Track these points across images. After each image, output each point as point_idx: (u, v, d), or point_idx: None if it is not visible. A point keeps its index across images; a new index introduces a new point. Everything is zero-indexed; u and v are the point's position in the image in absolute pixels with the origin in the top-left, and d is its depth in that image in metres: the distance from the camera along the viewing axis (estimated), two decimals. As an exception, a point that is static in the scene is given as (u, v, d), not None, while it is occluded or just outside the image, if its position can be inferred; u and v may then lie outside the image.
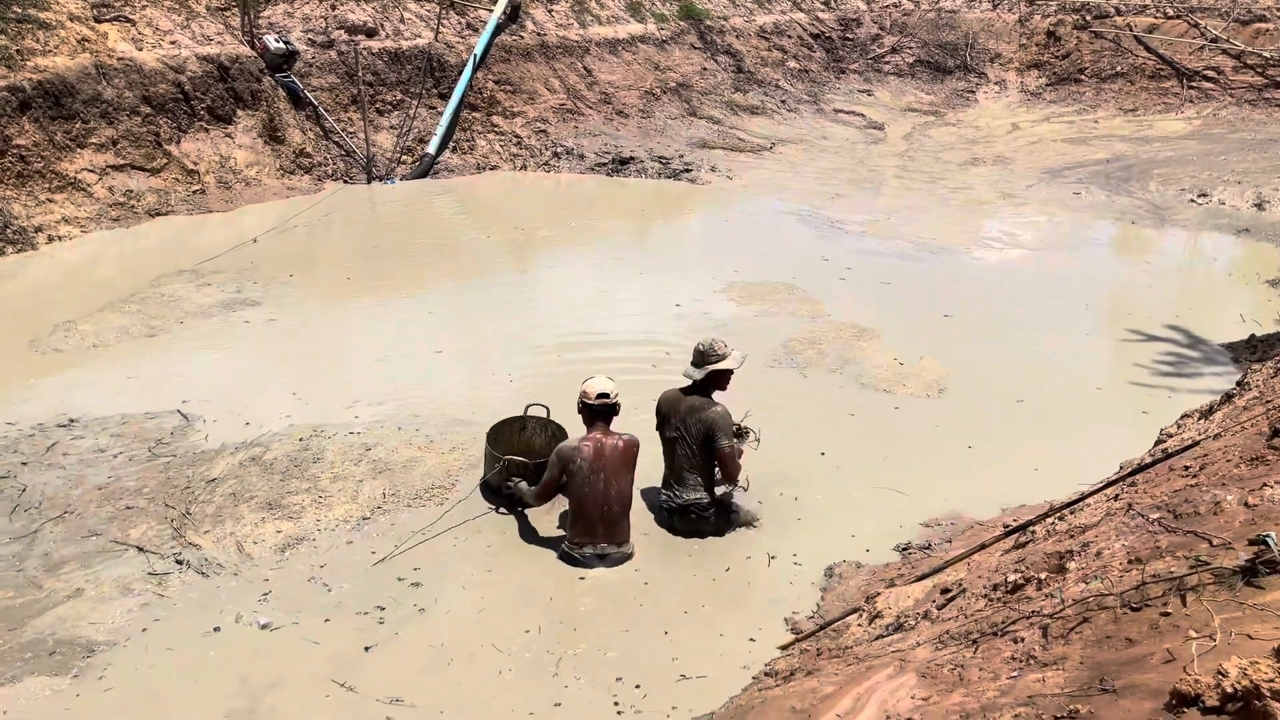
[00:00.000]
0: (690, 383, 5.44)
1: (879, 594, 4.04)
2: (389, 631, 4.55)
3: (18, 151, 10.22)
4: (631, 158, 14.46)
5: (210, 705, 4.07)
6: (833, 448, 6.27)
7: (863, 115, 18.12)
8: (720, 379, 5.44)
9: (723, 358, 5.36)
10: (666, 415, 5.48)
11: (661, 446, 5.49)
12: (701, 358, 5.40)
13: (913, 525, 5.43)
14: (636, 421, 5.65)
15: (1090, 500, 4.09)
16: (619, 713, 4.04)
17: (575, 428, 5.54)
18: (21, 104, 10.36)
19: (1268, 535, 2.55)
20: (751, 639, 4.49)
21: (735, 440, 5.33)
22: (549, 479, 5.10)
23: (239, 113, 12.50)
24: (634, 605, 4.77)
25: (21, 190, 10.18)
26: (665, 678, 4.25)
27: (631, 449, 5.15)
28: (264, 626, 4.55)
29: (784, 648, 4.28)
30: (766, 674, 4.12)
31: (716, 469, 5.35)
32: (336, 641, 4.46)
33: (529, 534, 5.32)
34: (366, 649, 4.42)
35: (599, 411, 5.12)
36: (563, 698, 4.13)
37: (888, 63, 20.70)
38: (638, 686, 4.18)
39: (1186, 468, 3.73)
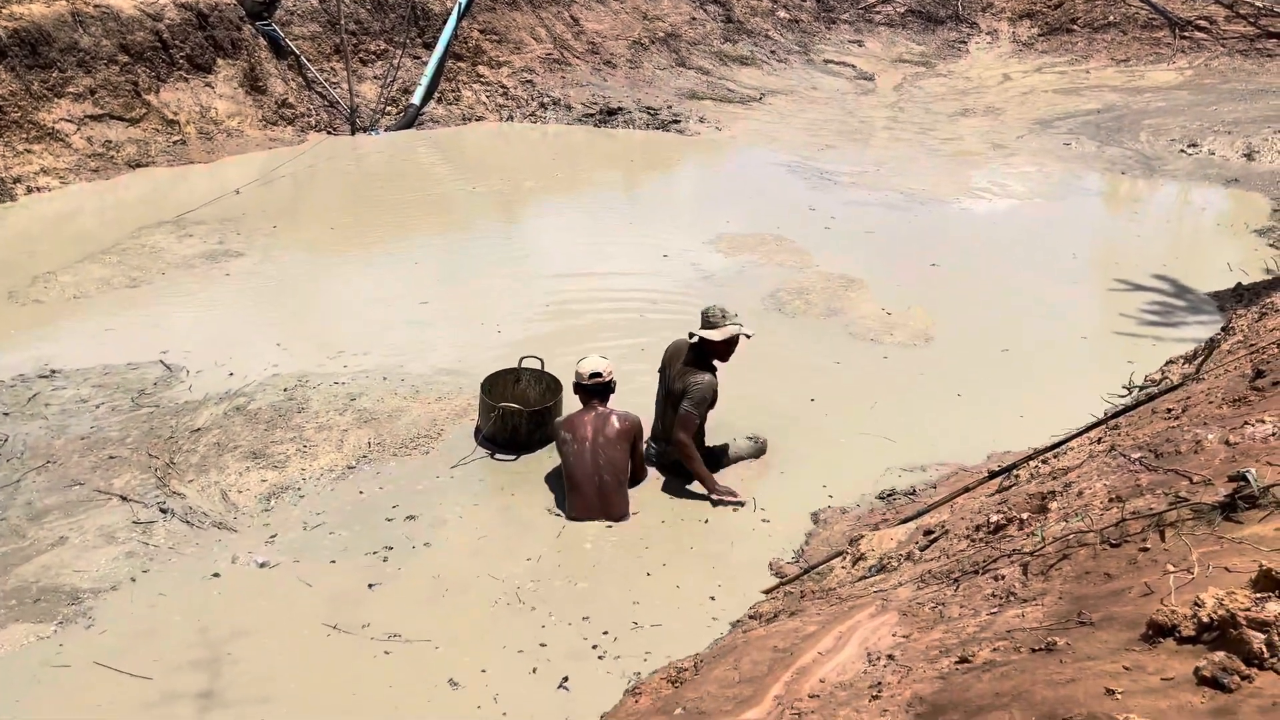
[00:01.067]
0: (693, 342, 5.33)
1: (862, 537, 4.06)
2: (392, 569, 4.58)
3: (-7, 101, 10.02)
4: (619, 108, 14.28)
5: (203, 646, 4.08)
6: (821, 395, 6.27)
7: (853, 66, 17.90)
8: (716, 349, 5.28)
9: (712, 327, 5.24)
10: (665, 366, 5.44)
11: (656, 393, 5.49)
12: (701, 321, 5.33)
13: (899, 472, 5.45)
14: (627, 372, 5.65)
15: (1074, 444, 4.11)
16: (599, 656, 4.06)
17: (567, 380, 5.56)
18: (-4, 52, 10.14)
19: (1247, 471, 2.55)
20: (720, 587, 4.51)
21: (695, 411, 5.16)
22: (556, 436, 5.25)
23: (219, 62, 12.27)
24: (622, 550, 4.79)
25: (-2, 141, 10.01)
26: (645, 621, 4.27)
27: (625, 423, 5.13)
28: (262, 565, 4.58)
29: (767, 591, 4.31)
30: (751, 617, 4.15)
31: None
32: (334, 580, 4.49)
33: (528, 482, 5.33)
34: (371, 586, 4.47)
35: (593, 390, 5.17)
36: (546, 638, 4.15)
37: (879, 13, 20.41)
38: (606, 632, 4.19)
39: (1169, 410, 3.74)
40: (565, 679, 3.88)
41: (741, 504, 5.09)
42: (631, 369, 6.11)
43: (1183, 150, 12.42)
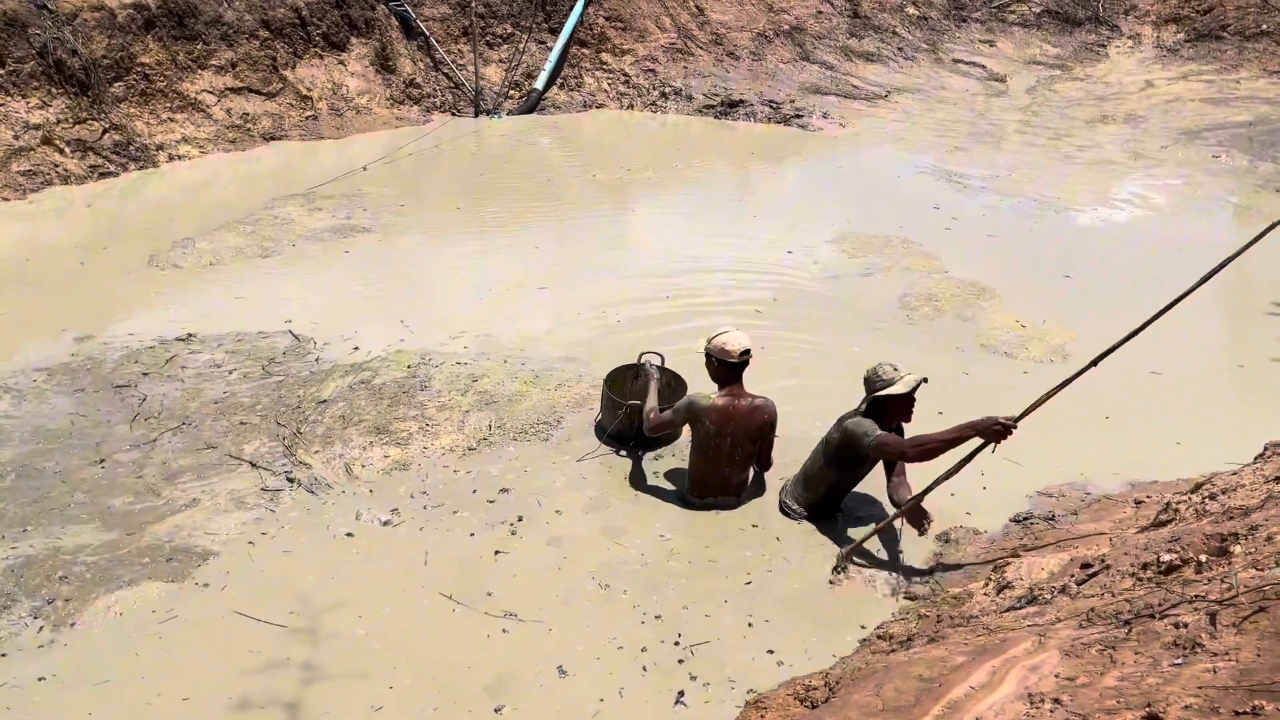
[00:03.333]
0: (862, 409, 4.76)
1: (1008, 563, 3.84)
2: (509, 550, 4.58)
3: (142, 70, 10.42)
4: (741, 100, 14.08)
5: (321, 607, 4.12)
6: (949, 409, 6.00)
7: (983, 66, 17.29)
8: (894, 407, 4.65)
9: (890, 383, 4.61)
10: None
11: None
12: (866, 387, 4.73)
13: (1032, 494, 5.17)
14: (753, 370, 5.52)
15: (1246, 481, 3.81)
16: (701, 658, 3.94)
17: (689, 375, 5.43)
18: (146, 22, 10.54)
19: None
20: (836, 598, 4.34)
21: (870, 431, 4.59)
22: (668, 420, 4.98)
23: (352, 40, 12.54)
24: (736, 548, 4.65)
25: (144, 109, 10.41)
26: (755, 624, 4.12)
27: (769, 416, 4.91)
28: (385, 524, 4.66)
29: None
30: (880, 637, 3.97)
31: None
32: (452, 551, 4.52)
33: (642, 476, 5.24)
34: (496, 553, 4.53)
35: (741, 368, 4.88)
36: (656, 632, 4.05)
37: (1012, 12, 19.67)
38: (708, 637, 4.08)
39: (1365, 453, 3.41)
40: (681, 694, 3.76)
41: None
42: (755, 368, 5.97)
43: (1345, 169, 11.60)
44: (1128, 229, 9.60)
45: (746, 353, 4.85)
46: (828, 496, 4.88)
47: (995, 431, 4.26)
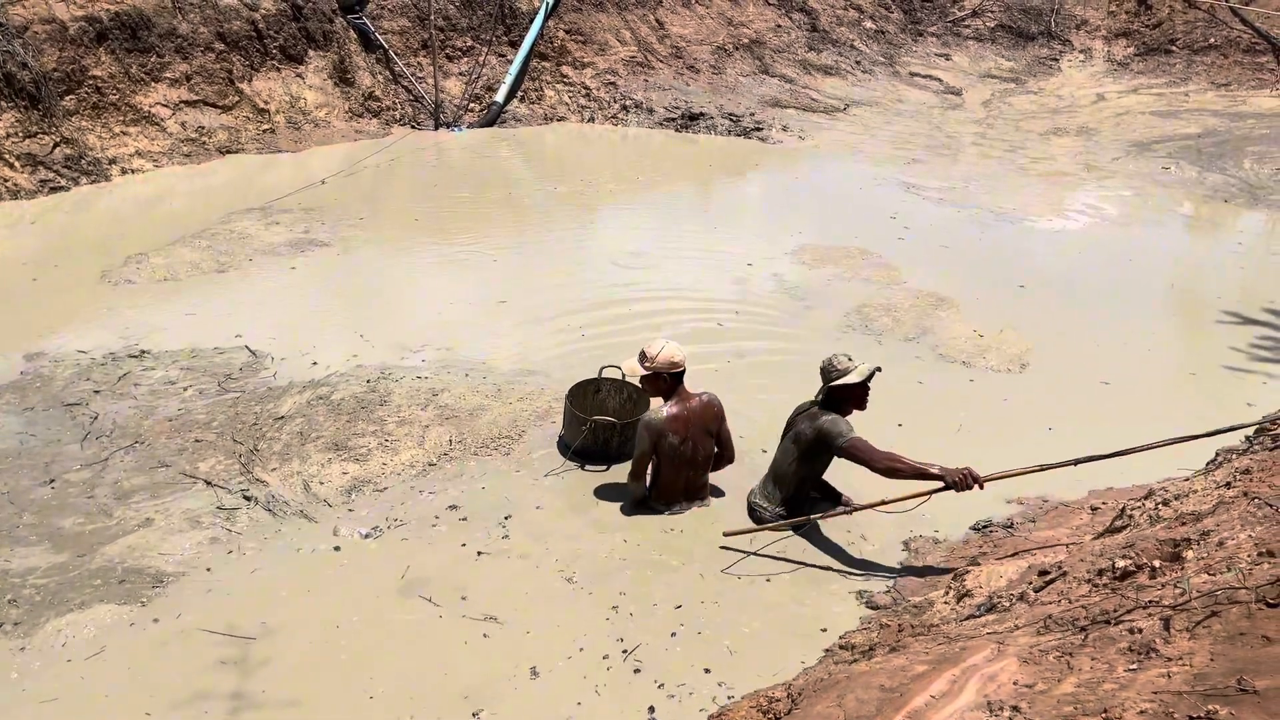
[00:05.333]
0: (818, 400, 4.88)
1: (967, 571, 3.87)
2: (478, 564, 4.56)
3: (94, 83, 10.26)
4: (701, 113, 14.16)
5: (311, 618, 4.07)
6: (909, 420, 6.05)
7: (940, 80, 17.56)
8: (850, 396, 4.79)
9: (844, 373, 4.71)
10: (790, 422, 5.02)
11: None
12: (822, 377, 4.83)
13: (993, 502, 5.21)
14: (706, 384, 5.50)
15: (1198, 488, 3.87)
16: (702, 671, 3.93)
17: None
18: (99, 35, 10.38)
19: None
20: (805, 609, 4.35)
21: (849, 433, 4.66)
22: (643, 453, 4.90)
23: (310, 53, 12.44)
24: (709, 563, 4.64)
25: (96, 122, 10.24)
26: (725, 637, 4.12)
27: (712, 409, 4.99)
28: (366, 536, 4.64)
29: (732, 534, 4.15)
30: (842, 647, 3.98)
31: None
32: (421, 568, 4.46)
33: (608, 490, 5.22)
34: (478, 554, 4.57)
35: (683, 375, 4.94)
36: (625, 638, 4.03)
37: (967, 26, 20.00)
38: (674, 633, 4.07)
39: (1312, 457, 3.49)
40: (652, 709, 3.74)
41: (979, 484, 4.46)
42: (710, 383, 5.98)
43: (1289, 180, 11.90)
44: (1081, 240, 9.77)
45: (677, 365, 4.88)
46: (799, 490, 4.93)
47: (963, 484, 4.39)
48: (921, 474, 4.46)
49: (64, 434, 5.44)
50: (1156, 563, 3.06)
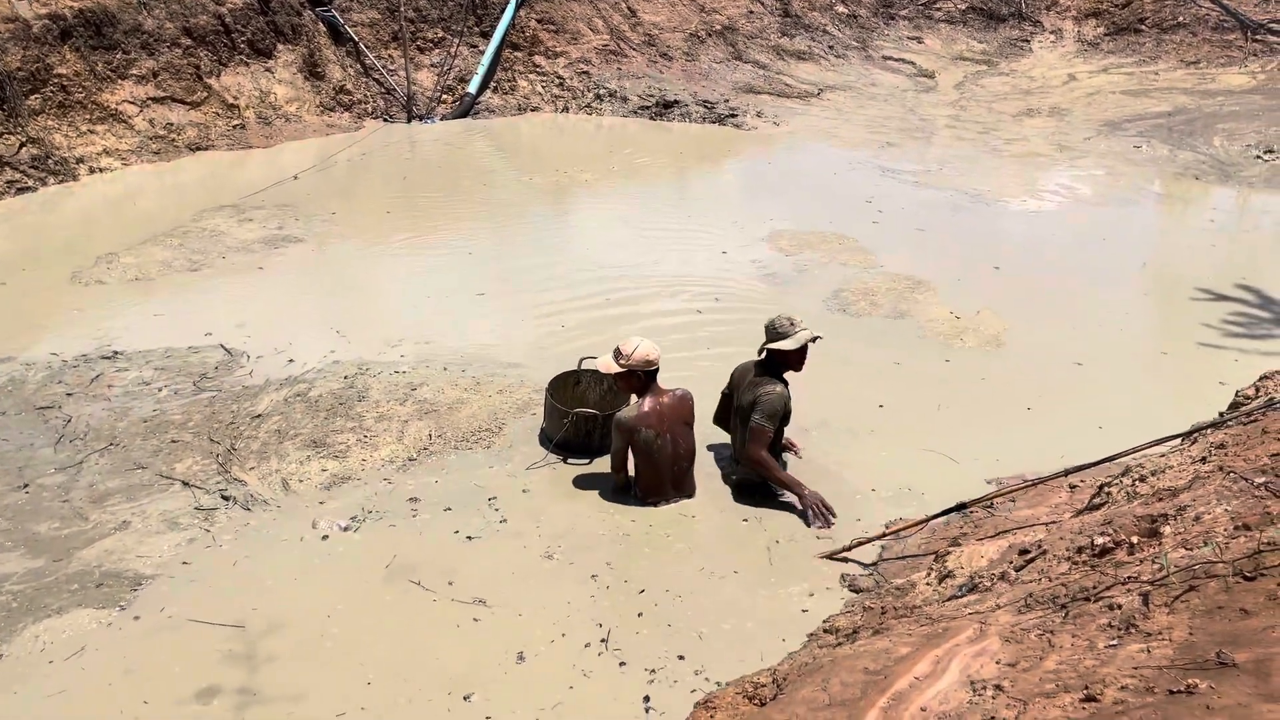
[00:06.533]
0: (761, 358, 5.15)
1: (949, 552, 3.89)
2: (460, 550, 4.57)
3: (59, 81, 10.11)
4: (675, 101, 14.12)
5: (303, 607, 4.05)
6: (889, 401, 6.08)
7: (913, 63, 17.58)
8: (789, 359, 5.05)
9: (783, 337, 4.97)
10: (736, 384, 5.24)
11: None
12: (766, 333, 5.07)
13: (973, 483, 5.25)
14: (686, 371, 5.51)
15: (1174, 463, 3.90)
16: (679, 658, 3.93)
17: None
18: (63, 32, 10.23)
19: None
20: (791, 596, 4.37)
21: (767, 424, 4.96)
22: (617, 449, 4.96)
23: (279, 47, 12.30)
24: (690, 556, 4.65)
25: (63, 121, 10.10)
26: (710, 625, 4.13)
27: (686, 404, 5.02)
28: (345, 529, 4.62)
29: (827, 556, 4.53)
30: (826, 630, 4.00)
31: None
32: (405, 553, 4.43)
33: (591, 481, 5.22)
34: (468, 537, 4.61)
35: (656, 373, 4.97)
36: (612, 633, 4.03)
37: (939, 9, 20.02)
38: (652, 606, 4.07)
39: (1284, 430, 3.52)
40: (647, 698, 3.75)
41: (830, 523, 4.87)
42: (690, 370, 5.98)
43: (1259, 156, 12.00)
44: (1054, 220, 9.82)
45: (651, 363, 4.92)
46: (769, 450, 5.08)
47: (813, 508, 4.91)
48: (780, 484, 4.99)
49: (37, 438, 5.37)
50: (1135, 539, 3.08)
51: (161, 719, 3.57)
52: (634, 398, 5.02)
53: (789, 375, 5.12)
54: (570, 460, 5.33)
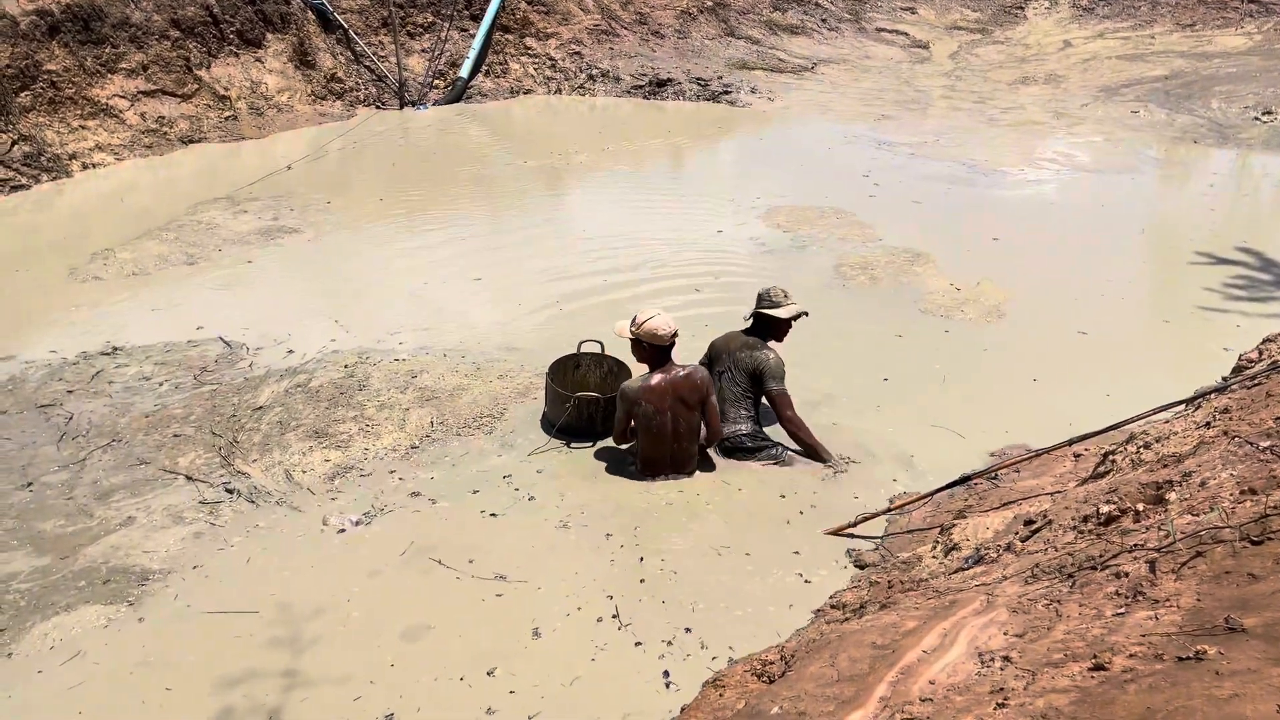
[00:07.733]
0: (748, 324, 5.38)
1: (954, 525, 3.88)
2: (469, 535, 4.56)
3: (48, 77, 10.04)
4: (669, 80, 14.04)
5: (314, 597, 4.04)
6: (892, 375, 6.07)
7: (906, 34, 17.48)
8: (774, 327, 5.31)
9: (775, 305, 5.24)
10: (719, 353, 5.37)
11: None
12: (757, 301, 5.33)
13: (978, 455, 5.24)
14: (686, 349, 5.48)
15: (1178, 429, 3.89)
16: (686, 630, 3.93)
17: (630, 361, 5.40)
18: (50, 28, 10.15)
19: None
20: (798, 572, 4.36)
21: (784, 385, 5.19)
22: (619, 418, 4.98)
23: (268, 36, 12.22)
24: (700, 533, 4.65)
25: (54, 117, 10.04)
26: (717, 603, 4.13)
27: (703, 384, 4.96)
28: (356, 524, 4.58)
29: (834, 531, 4.55)
30: (833, 606, 4.00)
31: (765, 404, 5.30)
32: (418, 537, 4.43)
33: (606, 461, 5.22)
34: (487, 514, 4.64)
35: (670, 349, 4.94)
36: (623, 612, 4.03)
37: (932, -22, 19.89)
38: (652, 585, 4.08)
39: (1289, 393, 3.50)
40: (666, 673, 3.75)
41: (846, 469, 5.12)
42: (689, 350, 5.96)
43: (1257, 118, 11.94)
44: (1053, 188, 9.78)
45: (675, 335, 4.91)
46: (758, 417, 5.28)
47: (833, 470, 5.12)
48: (814, 451, 5.13)
49: (39, 436, 5.37)
50: (1140, 506, 3.07)
51: (184, 705, 3.58)
52: (646, 370, 5.01)
53: (771, 344, 5.34)
54: (574, 445, 5.32)
